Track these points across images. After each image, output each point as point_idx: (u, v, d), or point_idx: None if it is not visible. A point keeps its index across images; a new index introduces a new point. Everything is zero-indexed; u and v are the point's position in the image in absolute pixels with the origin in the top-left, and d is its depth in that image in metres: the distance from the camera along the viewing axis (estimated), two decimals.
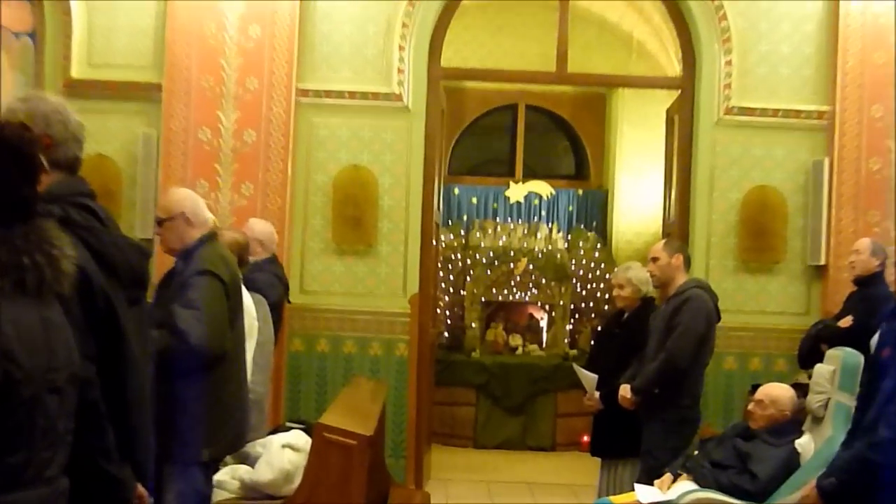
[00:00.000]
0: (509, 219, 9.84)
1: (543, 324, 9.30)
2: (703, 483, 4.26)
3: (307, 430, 4.60)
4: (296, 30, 6.24)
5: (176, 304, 3.48)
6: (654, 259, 4.95)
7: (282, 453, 4.36)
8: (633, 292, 5.30)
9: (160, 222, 3.73)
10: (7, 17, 6.16)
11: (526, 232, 9.59)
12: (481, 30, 9.33)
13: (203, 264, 3.58)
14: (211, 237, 3.73)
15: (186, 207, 3.71)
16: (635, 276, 5.30)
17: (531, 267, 9.05)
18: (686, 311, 4.69)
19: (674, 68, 7.77)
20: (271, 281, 5.20)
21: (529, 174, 10.08)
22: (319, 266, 6.45)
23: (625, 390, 4.90)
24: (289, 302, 5.75)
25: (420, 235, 6.51)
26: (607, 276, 8.66)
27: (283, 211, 6.19)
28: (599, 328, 7.23)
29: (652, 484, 4.51)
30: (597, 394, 5.27)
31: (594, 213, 10.07)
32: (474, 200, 9.96)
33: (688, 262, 5.05)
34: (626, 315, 5.43)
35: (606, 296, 8.90)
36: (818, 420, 4.36)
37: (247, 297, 4.20)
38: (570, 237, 9.72)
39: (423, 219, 6.51)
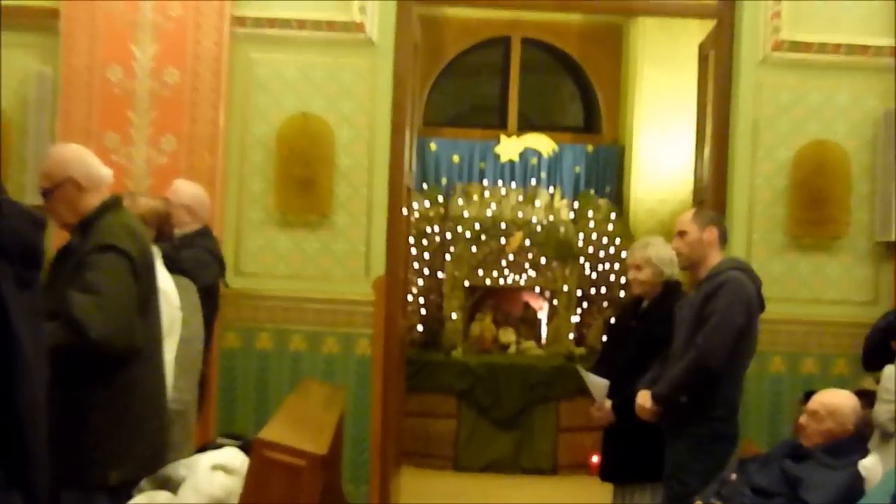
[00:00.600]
0: (500, 182, 9.86)
1: (542, 315, 9.37)
2: None
3: (244, 448, 4.56)
4: None
5: (71, 288, 3.44)
6: (682, 233, 4.95)
7: (211, 476, 4.31)
8: (655, 275, 5.35)
9: (45, 193, 3.69)
10: None
11: (521, 199, 9.63)
12: None
13: (104, 238, 3.55)
14: (114, 203, 3.69)
15: (74, 170, 3.69)
16: (657, 255, 5.33)
17: (528, 243, 9.09)
18: (721, 299, 4.69)
19: None
20: (203, 259, 5.20)
21: (526, 126, 10.12)
22: (259, 241, 6.46)
23: (643, 398, 4.92)
24: (226, 285, 5.74)
25: (387, 203, 6.52)
26: (623, 254, 8.67)
27: (213, 171, 6.18)
28: (612, 321, 7.25)
29: None
30: (608, 403, 5.32)
31: (607, 174, 10.11)
32: (456, 159, 9.97)
33: (724, 238, 5.04)
34: (645, 304, 5.47)
35: (622, 280, 8.96)
36: (888, 436, 4.38)
37: (167, 281, 4.17)
38: (576, 205, 9.75)
39: (392, 182, 6.52)
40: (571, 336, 9.06)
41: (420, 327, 8.95)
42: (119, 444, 3.54)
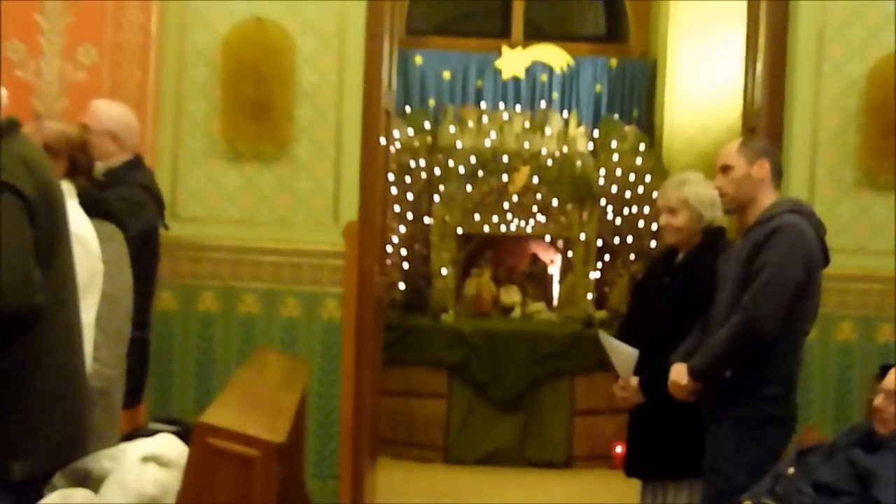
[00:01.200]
0: (502, 105, 9.88)
1: (554, 270, 9.44)
2: None
3: (182, 435, 4.56)
4: None
5: None
6: (726, 168, 4.92)
7: (142, 470, 4.29)
8: (692, 220, 5.33)
9: None
10: None
11: (528, 126, 9.63)
12: None
13: None
14: (7, 129, 3.62)
15: None
16: (695, 195, 5.31)
17: (536, 181, 9.14)
18: (773, 249, 4.66)
19: None
20: (135, 198, 5.22)
21: (534, 34, 10.16)
22: (201, 178, 6.48)
23: (678, 373, 4.89)
24: (166, 227, 5.75)
25: (360, 130, 6.54)
26: (654, 195, 8.60)
27: (142, 90, 6.20)
28: (640, 277, 7.15)
29: None
30: (635, 380, 5.30)
31: (634, 95, 10.17)
32: (447, 76, 10.00)
33: (778, 174, 5.00)
34: (680, 256, 5.47)
35: (652, 226, 9.01)
36: None
37: (83, 225, 4.14)
38: (596, 134, 9.79)
39: (366, 104, 6.53)
40: (590, 296, 9.12)
41: (402, 285, 9.00)
42: (22, 430, 3.51)
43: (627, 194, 9.32)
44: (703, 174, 5.59)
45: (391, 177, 8.11)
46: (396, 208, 8.98)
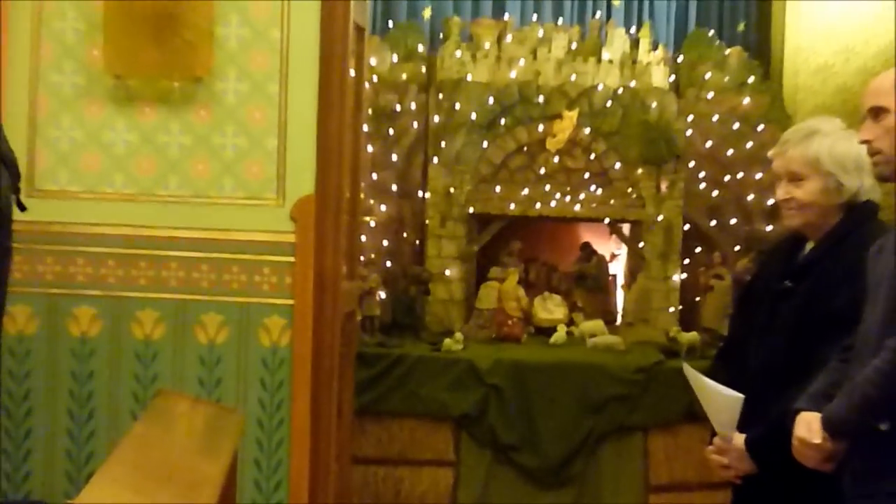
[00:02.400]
0: (534, 16, 9.99)
1: (618, 270, 9.52)
2: None
3: None
4: None
5: None
6: (879, 112, 4.66)
7: None
8: (826, 191, 5.30)
9: None
10: None
11: (576, 47, 9.66)
12: None
13: None
14: None
15: None
16: (830, 153, 5.27)
17: (587, 133, 9.17)
18: None
19: None
20: None
21: None
22: (74, 132, 6.53)
23: (807, 427, 4.69)
24: (22, 208, 5.71)
25: (318, 57, 6.62)
26: (769, 153, 8.53)
27: None
28: (749, 279, 6.90)
29: None
30: (740, 438, 5.26)
31: (739, 4, 10.24)
32: None
33: None
34: (809, 246, 5.45)
35: (768, 202, 9.04)
36: None
37: None
38: (681, 60, 9.87)
39: (326, 16, 6.58)
40: (672, 310, 9.17)
41: (382, 294, 8.96)
42: None
43: (729, 153, 9.36)
44: (844, 122, 5.48)
45: (366, 127, 8.11)
46: (374, 177, 9.00)
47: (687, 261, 9.26)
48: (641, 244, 9.23)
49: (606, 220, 9.42)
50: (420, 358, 8.58)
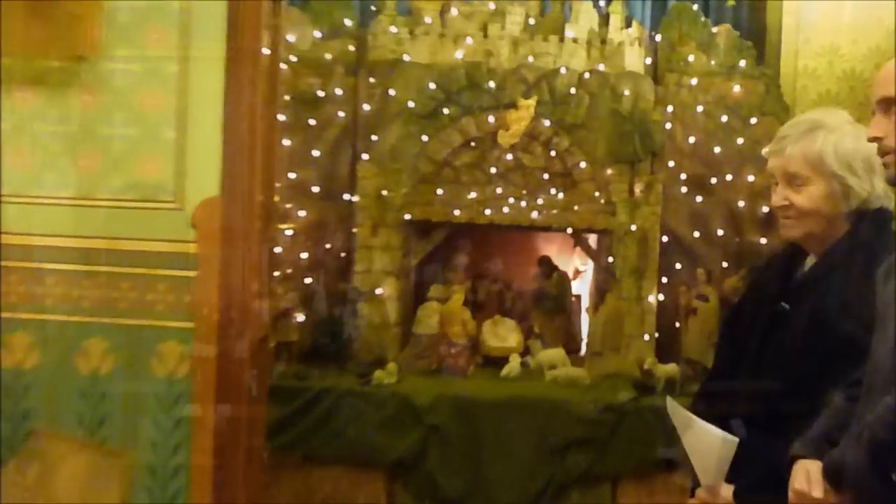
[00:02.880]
0: None
1: (583, 290, 9.53)
2: None
3: None
4: None
5: None
6: (891, 104, 4.49)
7: None
8: (830, 196, 5.26)
9: None
10: None
11: (534, 23, 9.69)
12: None
13: None
14: None
15: None
16: (835, 151, 5.22)
17: (548, 124, 9.02)
18: None
19: None
20: None
21: None
22: None
23: (807, 476, 4.58)
24: None
25: (224, 32, 6.59)
26: (763, 153, 8.29)
27: None
28: (740, 300, 6.91)
29: None
30: (728, 490, 5.13)
31: None
32: None
33: None
34: (810, 262, 5.44)
35: (762, 209, 9.02)
36: None
37: None
38: (660, 39, 9.90)
39: None
40: (647, 337, 9.03)
41: (301, 316, 8.83)
42: None
43: (716, 150, 9.38)
44: (853, 114, 5.46)
45: (281, 117, 7.99)
46: (292, 176, 8.94)
47: (665, 279, 9.34)
48: (611, 259, 9.23)
49: (570, 230, 9.43)
50: (346, 392, 8.58)
